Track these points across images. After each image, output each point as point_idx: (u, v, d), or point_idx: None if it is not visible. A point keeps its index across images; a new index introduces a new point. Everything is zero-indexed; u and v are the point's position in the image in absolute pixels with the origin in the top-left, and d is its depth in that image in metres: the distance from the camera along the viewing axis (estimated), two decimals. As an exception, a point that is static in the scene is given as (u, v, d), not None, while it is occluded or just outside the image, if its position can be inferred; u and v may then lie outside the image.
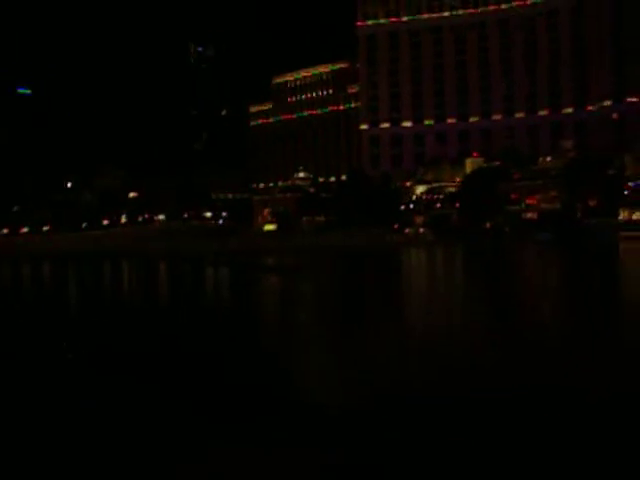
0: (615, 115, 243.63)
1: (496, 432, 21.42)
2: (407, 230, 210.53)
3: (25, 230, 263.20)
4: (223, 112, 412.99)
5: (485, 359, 32.45)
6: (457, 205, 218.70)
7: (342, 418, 23.03)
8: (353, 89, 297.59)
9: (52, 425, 23.77)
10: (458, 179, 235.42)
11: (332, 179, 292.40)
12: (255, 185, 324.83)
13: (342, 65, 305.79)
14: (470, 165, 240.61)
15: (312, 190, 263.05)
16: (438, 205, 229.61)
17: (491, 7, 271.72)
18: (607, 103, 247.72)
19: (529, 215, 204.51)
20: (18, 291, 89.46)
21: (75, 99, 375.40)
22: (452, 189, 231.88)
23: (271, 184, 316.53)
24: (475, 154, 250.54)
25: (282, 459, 19.52)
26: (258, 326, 48.38)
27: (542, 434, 21.11)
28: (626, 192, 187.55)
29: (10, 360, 36.42)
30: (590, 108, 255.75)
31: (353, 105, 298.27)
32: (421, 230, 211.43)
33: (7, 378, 31.81)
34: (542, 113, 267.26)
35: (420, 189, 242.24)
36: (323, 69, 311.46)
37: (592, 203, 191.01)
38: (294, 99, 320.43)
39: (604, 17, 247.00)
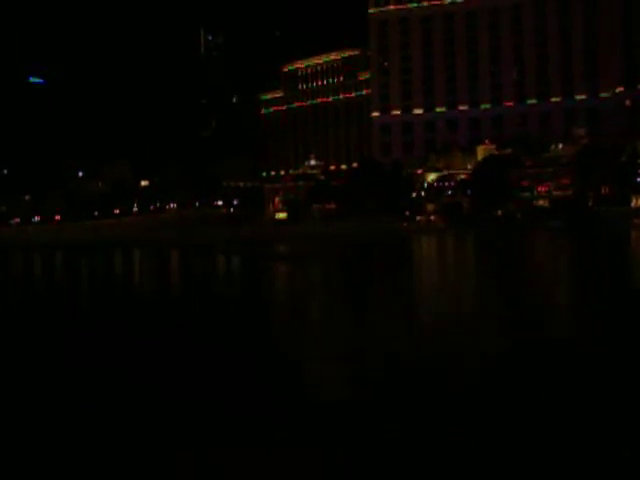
0: (628, 102, 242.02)
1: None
2: (418, 218, 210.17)
3: (37, 219, 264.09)
4: (234, 100, 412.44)
5: (496, 347, 32.38)
6: (468, 192, 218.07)
7: (345, 411, 22.99)
8: (364, 76, 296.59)
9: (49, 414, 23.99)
10: (469, 166, 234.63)
11: (343, 167, 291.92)
12: (266, 173, 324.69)
13: (353, 52, 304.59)
14: (481, 152, 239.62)
15: (323, 178, 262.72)
16: (449, 192, 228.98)
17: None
18: (619, 89, 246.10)
19: (541, 202, 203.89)
20: (27, 281, 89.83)
21: (86, 88, 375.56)
22: (463, 176, 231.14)
23: (282, 172, 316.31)
24: (486, 141, 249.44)
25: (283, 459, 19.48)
26: (265, 314, 48.41)
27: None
28: (639, 179, 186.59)
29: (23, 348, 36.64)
30: (603, 95, 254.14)
31: (364, 92, 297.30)
32: (432, 218, 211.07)
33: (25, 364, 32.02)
34: (554, 100, 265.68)
35: (431, 176, 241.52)
36: (334, 56, 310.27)
37: (604, 190, 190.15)
38: (305, 87, 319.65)
39: (616, 3, 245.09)
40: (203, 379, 27.99)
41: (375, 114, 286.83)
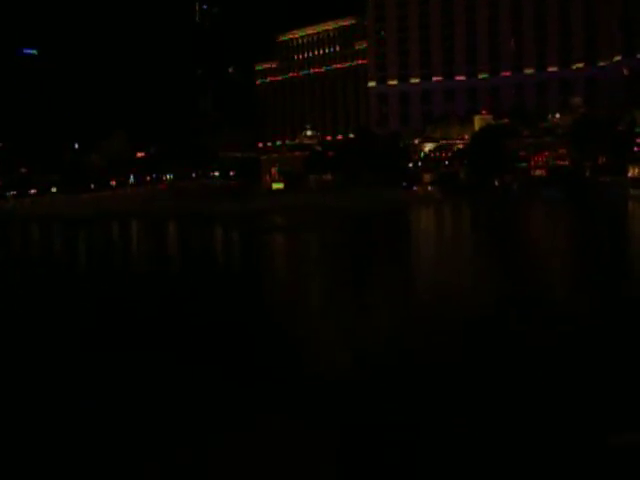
0: (626, 71, 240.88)
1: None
2: (415, 188, 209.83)
3: (33, 192, 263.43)
4: (230, 71, 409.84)
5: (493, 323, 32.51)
6: (465, 163, 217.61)
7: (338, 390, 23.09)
8: (360, 46, 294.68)
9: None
10: (466, 136, 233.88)
11: (339, 137, 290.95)
12: (262, 144, 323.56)
13: (349, 21, 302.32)
14: (478, 122, 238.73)
15: (319, 148, 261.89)
16: (446, 163, 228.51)
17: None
18: (617, 58, 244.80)
19: (537, 172, 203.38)
20: (22, 257, 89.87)
21: (80, 61, 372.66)
22: (460, 146, 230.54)
23: (278, 143, 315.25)
24: (483, 111, 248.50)
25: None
26: (259, 288, 48.49)
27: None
28: (636, 149, 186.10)
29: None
30: (600, 64, 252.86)
31: (360, 62, 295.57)
32: (429, 188, 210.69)
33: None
34: (551, 69, 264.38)
35: (428, 147, 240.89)
36: (330, 26, 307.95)
37: (601, 160, 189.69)
38: (301, 57, 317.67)
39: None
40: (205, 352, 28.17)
41: (372, 84, 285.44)
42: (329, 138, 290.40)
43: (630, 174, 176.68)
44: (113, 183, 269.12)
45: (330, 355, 27.01)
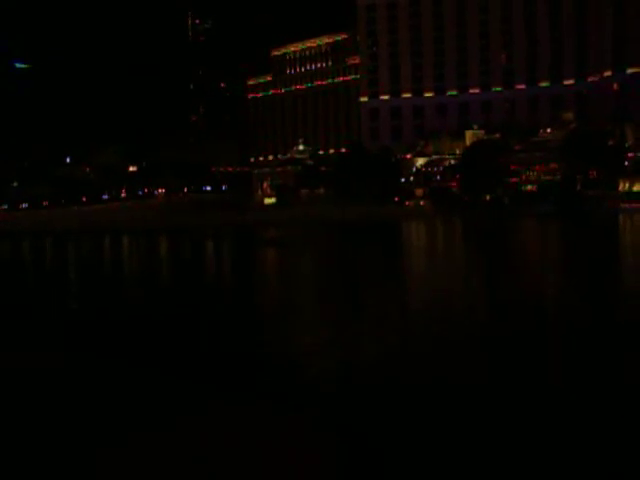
0: (615, 86, 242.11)
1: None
2: (407, 203, 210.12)
3: (24, 205, 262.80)
4: (222, 85, 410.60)
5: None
6: (457, 177, 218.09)
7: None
8: (352, 61, 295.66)
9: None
10: (458, 151, 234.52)
11: (332, 152, 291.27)
12: (254, 158, 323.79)
13: (341, 36, 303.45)
14: (470, 137, 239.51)
15: (311, 163, 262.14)
16: (438, 178, 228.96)
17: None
18: (607, 74, 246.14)
19: (529, 187, 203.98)
20: (10, 272, 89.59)
21: (73, 74, 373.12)
22: (452, 161, 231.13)
23: (270, 157, 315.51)
24: (475, 126, 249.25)
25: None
26: (251, 301, 48.43)
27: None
28: (626, 163, 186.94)
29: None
30: (591, 79, 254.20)
31: (352, 77, 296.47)
32: (421, 203, 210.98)
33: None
34: (542, 84, 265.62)
35: (420, 161, 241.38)
36: (322, 41, 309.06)
37: (592, 175, 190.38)
38: (293, 71, 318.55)
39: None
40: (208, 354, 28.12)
41: (363, 99, 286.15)
42: (321, 152, 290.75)
43: (621, 188, 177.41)
44: (105, 197, 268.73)
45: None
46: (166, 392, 24.03)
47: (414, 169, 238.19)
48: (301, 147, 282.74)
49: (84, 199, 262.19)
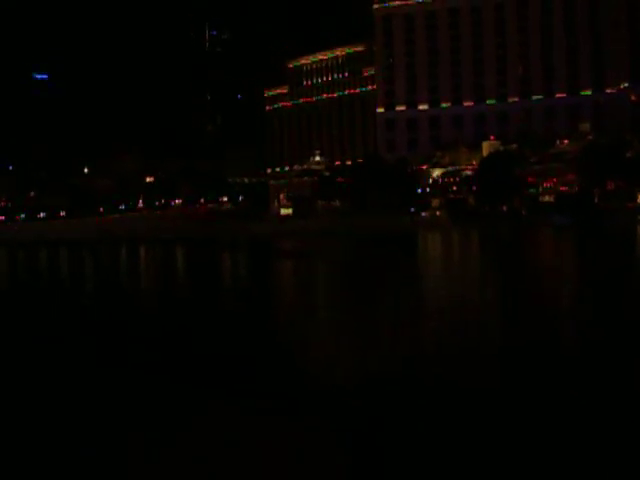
0: (633, 97, 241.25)
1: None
2: (424, 214, 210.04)
3: (42, 215, 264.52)
4: (239, 96, 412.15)
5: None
6: (474, 188, 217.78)
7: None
8: (369, 72, 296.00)
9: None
10: (474, 162, 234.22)
11: (348, 163, 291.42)
12: (271, 169, 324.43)
13: (358, 48, 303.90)
14: (487, 148, 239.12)
15: (328, 174, 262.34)
16: (454, 189, 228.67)
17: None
18: (625, 85, 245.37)
19: (546, 198, 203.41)
20: (21, 286, 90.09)
21: (91, 84, 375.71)
22: (469, 172, 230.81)
23: (287, 168, 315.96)
24: (492, 137, 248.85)
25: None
26: (266, 312, 48.53)
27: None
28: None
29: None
30: (608, 90, 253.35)
31: (369, 88, 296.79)
32: (438, 214, 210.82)
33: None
34: (559, 95, 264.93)
35: (436, 172, 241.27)
36: (339, 52, 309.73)
37: (610, 186, 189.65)
38: (310, 82, 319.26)
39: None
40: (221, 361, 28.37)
41: (380, 110, 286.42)
42: (338, 163, 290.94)
43: (639, 200, 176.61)
44: (122, 207, 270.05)
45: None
46: (188, 398, 24.22)
47: (430, 180, 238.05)
48: (317, 158, 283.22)
49: (101, 209, 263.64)
